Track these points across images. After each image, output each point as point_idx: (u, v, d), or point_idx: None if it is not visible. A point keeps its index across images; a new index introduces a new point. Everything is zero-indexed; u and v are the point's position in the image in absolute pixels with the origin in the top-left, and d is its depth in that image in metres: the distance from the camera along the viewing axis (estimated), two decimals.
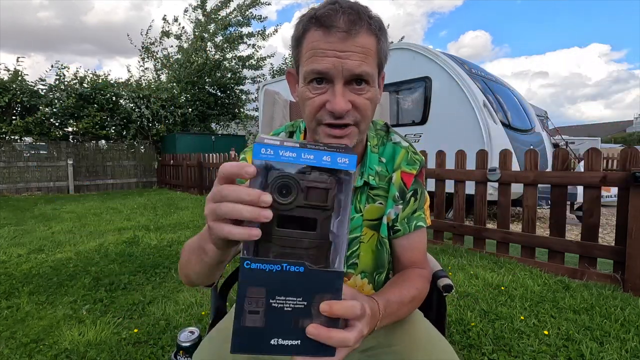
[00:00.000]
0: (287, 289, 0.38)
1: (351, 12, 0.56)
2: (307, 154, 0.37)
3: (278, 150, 0.36)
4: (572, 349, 1.51)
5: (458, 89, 4.51)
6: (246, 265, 0.37)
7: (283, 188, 0.37)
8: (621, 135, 30.81)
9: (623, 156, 2.23)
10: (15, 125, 7.77)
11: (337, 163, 0.37)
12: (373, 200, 0.74)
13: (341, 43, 0.56)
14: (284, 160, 0.36)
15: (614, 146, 16.33)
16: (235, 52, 11.56)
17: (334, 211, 0.38)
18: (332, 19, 0.56)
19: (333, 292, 0.39)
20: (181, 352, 0.81)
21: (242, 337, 0.38)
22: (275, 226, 0.37)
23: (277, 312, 0.38)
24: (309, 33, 0.58)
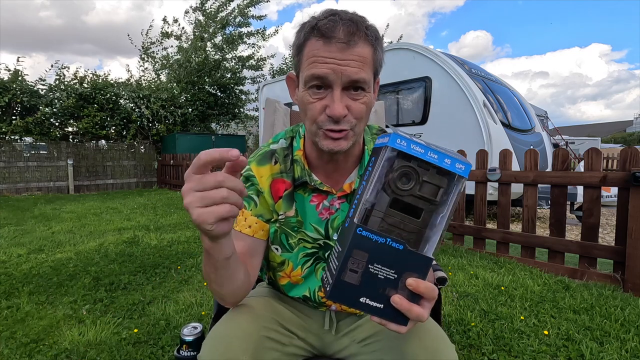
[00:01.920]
0: (385, 260, 0.44)
1: (350, 24, 0.60)
2: (432, 152, 0.42)
3: (410, 144, 0.42)
4: (572, 349, 1.51)
5: (458, 89, 4.51)
6: (358, 231, 0.43)
7: (404, 176, 0.43)
8: (621, 135, 30.81)
9: (623, 156, 2.23)
10: (15, 125, 7.77)
11: (455, 167, 0.42)
12: None
13: (340, 52, 0.60)
14: (413, 153, 0.42)
15: (614, 146, 16.33)
16: (235, 52, 11.56)
17: (439, 206, 0.44)
18: (332, 30, 0.59)
19: (420, 273, 0.45)
20: (184, 347, 0.81)
21: (338, 289, 0.45)
22: (388, 205, 0.44)
23: (372, 277, 0.44)
24: (310, 42, 0.62)
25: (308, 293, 0.79)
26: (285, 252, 0.77)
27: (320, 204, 0.76)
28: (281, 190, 0.76)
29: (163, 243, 3.31)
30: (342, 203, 0.76)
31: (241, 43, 11.45)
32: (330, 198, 0.76)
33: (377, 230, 0.44)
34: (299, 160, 0.75)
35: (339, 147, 0.65)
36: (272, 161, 0.77)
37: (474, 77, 4.75)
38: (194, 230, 3.87)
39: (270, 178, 0.76)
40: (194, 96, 10.77)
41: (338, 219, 0.76)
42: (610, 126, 40.71)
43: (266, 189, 0.75)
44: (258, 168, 0.76)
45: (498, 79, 5.68)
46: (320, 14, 0.63)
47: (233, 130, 13.46)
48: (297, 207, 0.76)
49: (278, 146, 0.79)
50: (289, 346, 0.76)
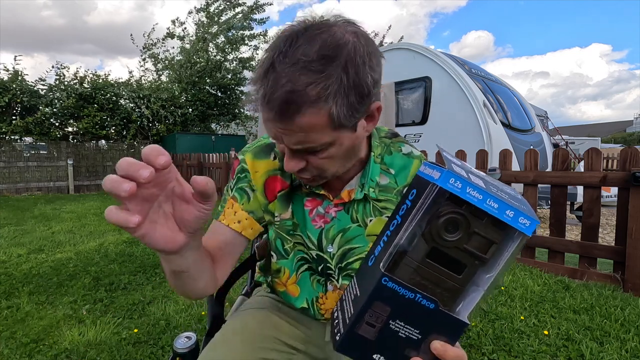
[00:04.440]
0: (410, 318, 0.38)
1: (286, 93, 0.49)
2: (492, 200, 0.34)
3: (466, 187, 0.34)
4: (572, 349, 1.51)
5: (458, 89, 4.52)
6: (384, 281, 0.36)
7: (452, 224, 0.35)
8: (621, 135, 30.81)
9: (623, 156, 2.23)
10: (15, 125, 7.77)
11: (518, 222, 0.34)
12: (380, 213, 0.69)
13: (279, 122, 0.52)
14: (468, 199, 0.34)
15: (614, 146, 16.33)
16: (237, 53, 11.57)
17: (487, 264, 0.37)
18: (267, 98, 0.51)
19: (450, 337, 0.39)
20: (178, 359, 0.78)
21: (350, 341, 0.39)
22: (425, 255, 0.36)
23: (391, 333, 0.38)
24: (259, 102, 0.53)
25: (306, 304, 0.75)
26: (281, 259, 0.73)
27: (314, 209, 0.70)
28: (277, 189, 0.70)
29: None
30: (338, 211, 0.70)
31: (243, 45, 11.46)
32: (326, 204, 0.70)
33: (407, 282, 0.37)
34: None
35: (316, 184, 0.64)
36: (271, 156, 0.70)
37: (474, 77, 4.75)
38: None
39: (265, 175, 0.70)
40: (194, 96, 10.77)
41: (333, 229, 0.70)
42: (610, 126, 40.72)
43: (259, 186, 0.69)
44: (254, 161, 0.70)
45: (498, 79, 5.68)
46: (261, 66, 0.51)
47: (233, 130, 13.46)
48: (293, 208, 0.71)
49: None
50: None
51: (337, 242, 0.70)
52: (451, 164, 0.36)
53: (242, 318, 0.74)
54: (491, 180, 0.39)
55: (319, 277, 0.73)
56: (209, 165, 7.17)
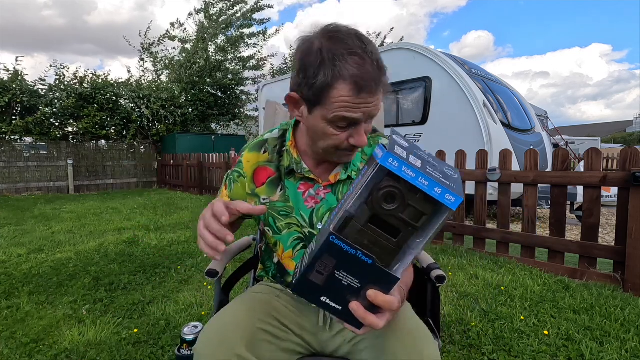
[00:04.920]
0: (351, 270, 0.46)
1: (377, 73, 0.64)
2: (423, 178, 0.41)
3: (402, 166, 0.41)
4: (572, 349, 1.51)
5: (458, 89, 4.51)
6: (331, 239, 0.44)
7: (390, 196, 0.42)
8: (621, 135, 30.80)
9: (623, 156, 2.23)
10: (15, 125, 7.76)
11: (444, 198, 0.41)
12: None
13: (370, 97, 0.65)
14: (403, 176, 0.41)
15: (614, 146, 16.33)
16: (237, 53, 11.56)
17: (419, 231, 0.44)
18: (364, 79, 0.62)
19: (384, 288, 0.47)
20: (185, 345, 0.82)
21: (303, 285, 0.48)
22: (367, 220, 0.44)
23: (335, 281, 0.47)
24: (340, 85, 0.63)
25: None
26: (275, 234, 0.84)
27: (307, 192, 0.82)
28: (264, 177, 0.83)
29: (163, 243, 3.31)
30: (327, 193, 0.81)
31: (242, 44, 11.45)
32: (317, 187, 0.81)
33: (351, 241, 0.44)
34: (289, 150, 0.82)
35: (349, 160, 0.78)
36: (261, 150, 0.85)
37: (474, 77, 4.75)
38: (193, 230, 3.87)
39: (255, 165, 0.84)
40: (194, 96, 10.77)
41: (322, 208, 0.81)
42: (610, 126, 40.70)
43: (249, 174, 0.84)
44: (248, 154, 0.86)
45: (498, 79, 5.68)
46: (343, 52, 0.63)
47: (233, 130, 13.46)
48: (289, 194, 0.82)
49: (271, 136, 0.86)
50: (285, 341, 0.77)
51: (325, 220, 0.80)
52: (395, 146, 0.43)
53: (245, 297, 0.83)
54: (433, 162, 0.46)
55: None
56: (209, 165, 7.17)
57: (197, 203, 6.05)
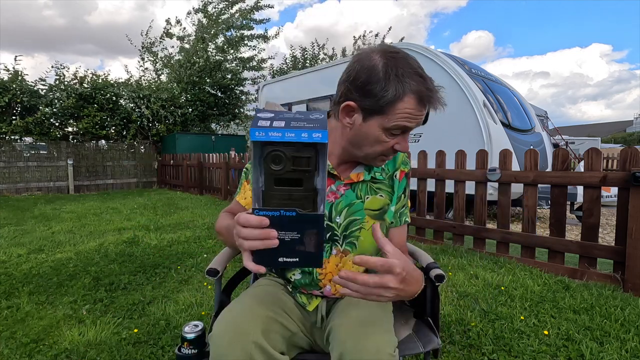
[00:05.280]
0: (286, 227, 0.53)
1: (435, 92, 0.74)
2: (289, 132, 0.48)
3: (268, 132, 0.48)
4: (572, 349, 1.51)
5: (458, 89, 4.51)
6: (256, 213, 0.52)
7: (275, 159, 0.49)
8: (621, 135, 30.80)
9: (623, 156, 2.23)
10: (15, 125, 7.77)
11: (313, 137, 0.48)
12: (375, 192, 0.88)
13: (425, 110, 0.75)
14: (272, 139, 0.48)
15: (614, 146, 16.32)
16: (237, 53, 11.56)
17: (314, 171, 0.51)
18: (430, 99, 0.73)
19: (318, 228, 0.53)
20: (185, 344, 0.82)
21: (260, 256, 0.55)
22: (273, 185, 0.51)
23: (283, 241, 0.53)
24: (409, 98, 0.72)
25: (309, 269, 0.84)
26: None
27: (328, 187, 0.84)
28: None
29: (163, 243, 3.31)
30: (346, 189, 0.86)
31: (243, 45, 11.45)
32: (338, 184, 0.85)
33: (271, 207, 0.52)
34: None
35: (382, 164, 0.85)
36: None
37: (474, 77, 4.75)
38: (193, 230, 3.87)
39: None
40: (194, 96, 10.77)
41: (341, 204, 0.85)
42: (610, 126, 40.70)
43: None
44: None
45: (498, 79, 5.68)
46: (409, 70, 0.72)
47: (233, 130, 13.46)
48: None
49: None
50: (295, 336, 0.81)
51: (344, 214, 0.85)
52: (258, 121, 0.50)
53: (254, 289, 0.87)
54: (299, 116, 0.53)
55: (326, 243, 0.84)
56: (209, 165, 7.17)
57: (197, 203, 6.05)
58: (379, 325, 0.73)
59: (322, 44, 13.90)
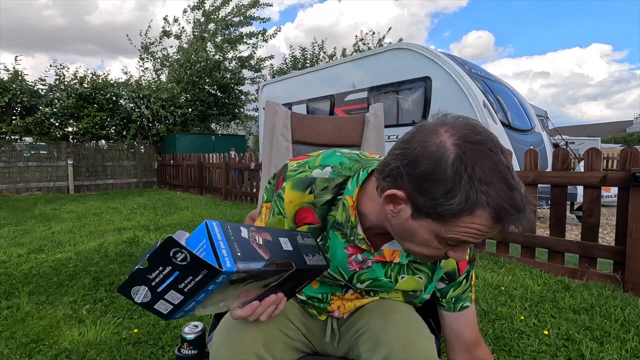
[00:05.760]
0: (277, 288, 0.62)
1: (523, 206, 0.52)
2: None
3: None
4: (572, 349, 1.51)
5: (458, 89, 4.52)
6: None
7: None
8: (621, 135, 30.80)
9: (623, 156, 2.23)
10: (15, 125, 7.76)
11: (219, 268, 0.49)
12: (413, 272, 0.75)
13: (499, 227, 0.54)
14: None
15: (614, 146, 16.32)
16: (236, 52, 11.56)
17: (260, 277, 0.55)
18: (513, 221, 0.52)
19: (302, 267, 0.60)
20: (185, 345, 0.82)
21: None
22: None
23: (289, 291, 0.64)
24: (479, 212, 0.51)
25: (320, 296, 0.80)
26: None
27: (354, 256, 0.72)
28: (307, 219, 0.72)
29: None
30: (375, 263, 0.72)
31: (242, 43, 11.44)
32: (366, 255, 0.72)
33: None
34: (347, 208, 0.68)
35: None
36: (307, 190, 0.71)
37: (474, 77, 4.75)
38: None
39: (298, 206, 0.72)
40: (194, 96, 10.77)
41: (366, 275, 0.74)
42: (610, 126, 40.70)
43: (290, 215, 0.73)
44: (290, 192, 0.72)
45: (498, 79, 5.68)
46: (492, 174, 0.50)
47: (233, 130, 13.46)
48: (329, 244, 0.72)
49: (320, 175, 0.72)
50: (295, 340, 0.78)
51: (367, 284, 0.76)
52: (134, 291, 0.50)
53: None
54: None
55: (341, 288, 0.80)
56: (209, 166, 7.17)
57: (197, 203, 6.05)
58: (424, 329, 0.71)
59: (322, 40, 13.91)
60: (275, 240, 0.60)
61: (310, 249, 0.65)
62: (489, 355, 0.79)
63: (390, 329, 0.69)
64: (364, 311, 0.79)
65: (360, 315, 0.78)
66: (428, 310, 0.93)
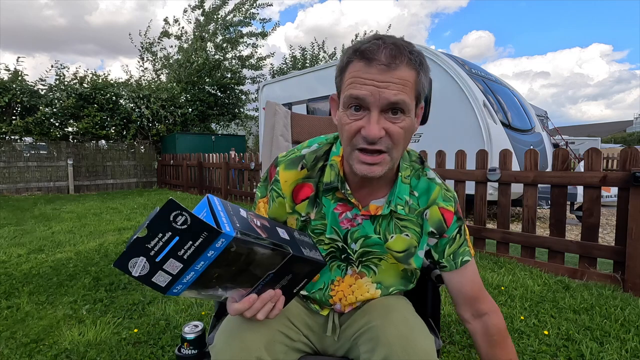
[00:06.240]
0: (272, 283, 0.62)
1: (393, 47, 0.61)
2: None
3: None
4: (572, 349, 1.51)
5: (458, 89, 4.51)
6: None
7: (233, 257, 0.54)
8: (621, 135, 30.80)
9: (623, 156, 2.23)
10: (15, 125, 7.76)
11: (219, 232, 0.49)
12: (400, 230, 0.76)
13: (380, 74, 0.60)
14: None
15: (614, 146, 16.32)
16: (235, 52, 11.56)
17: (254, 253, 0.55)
18: (374, 53, 0.60)
19: (298, 262, 0.61)
20: (186, 345, 0.82)
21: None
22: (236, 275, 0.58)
23: (283, 288, 0.64)
24: (352, 64, 0.63)
25: (322, 285, 0.81)
26: None
27: (344, 213, 0.77)
28: (304, 194, 0.78)
29: None
30: (365, 220, 0.76)
31: (241, 42, 11.44)
32: (355, 212, 0.76)
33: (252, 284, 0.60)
34: (335, 166, 0.75)
35: (372, 173, 0.65)
36: (298, 167, 0.78)
37: (474, 77, 4.75)
38: None
39: (294, 184, 0.78)
40: (194, 96, 10.77)
41: (358, 232, 0.77)
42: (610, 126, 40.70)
43: (288, 194, 0.78)
44: (284, 172, 0.78)
45: (498, 79, 5.68)
46: (366, 38, 0.64)
47: (233, 130, 13.45)
48: (324, 211, 0.77)
49: (308, 151, 0.79)
50: (296, 342, 0.78)
51: (360, 243, 0.78)
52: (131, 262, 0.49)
53: None
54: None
55: (340, 263, 0.81)
56: (209, 166, 7.17)
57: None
58: (423, 329, 0.72)
59: (322, 40, 13.92)
60: (272, 228, 0.61)
61: (307, 244, 0.66)
62: (493, 309, 0.82)
63: (389, 329, 0.69)
64: (364, 311, 0.79)
65: (361, 314, 0.79)
66: (428, 310, 0.93)
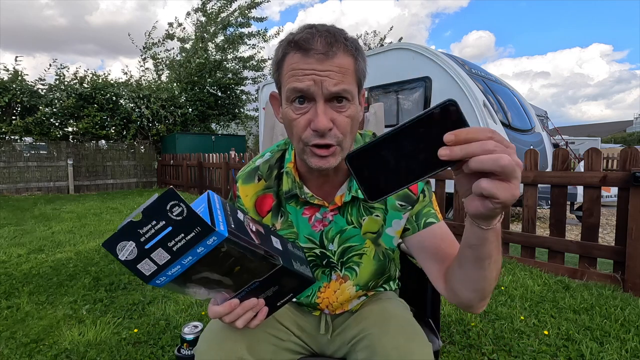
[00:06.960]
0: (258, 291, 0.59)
1: (327, 35, 0.60)
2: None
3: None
4: (572, 349, 1.51)
5: (458, 89, 4.51)
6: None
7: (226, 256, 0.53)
8: (621, 135, 30.80)
9: (623, 156, 2.23)
10: (15, 125, 7.76)
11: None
12: (370, 212, 0.76)
13: (319, 64, 0.59)
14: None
15: (614, 146, 16.32)
16: (236, 52, 11.55)
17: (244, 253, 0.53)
18: (309, 42, 0.59)
19: (286, 274, 0.58)
20: (185, 345, 0.82)
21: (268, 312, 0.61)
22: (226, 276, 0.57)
23: (267, 299, 0.61)
24: (289, 56, 0.61)
25: (310, 292, 0.80)
26: None
27: (313, 216, 0.76)
28: (267, 205, 0.77)
29: None
30: (334, 215, 0.75)
31: (242, 44, 11.44)
32: (323, 211, 0.75)
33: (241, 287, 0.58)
34: (290, 173, 0.74)
35: (327, 164, 0.64)
36: (255, 179, 0.78)
37: (474, 77, 4.75)
38: None
39: (254, 196, 0.78)
40: (194, 96, 10.76)
41: (332, 230, 0.76)
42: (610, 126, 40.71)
43: (251, 207, 0.78)
44: (243, 187, 0.78)
45: (498, 79, 5.68)
46: (298, 29, 0.63)
47: (233, 130, 13.45)
48: (291, 219, 0.76)
49: (262, 161, 0.79)
50: (286, 342, 0.77)
51: (337, 241, 0.76)
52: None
53: None
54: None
55: (324, 269, 0.79)
56: (209, 165, 7.17)
57: None
58: (420, 337, 0.70)
59: None
60: (267, 235, 0.60)
61: (298, 258, 0.64)
62: None
63: (385, 338, 0.68)
64: (360, 316, 0.79)
65: (357, 319, 0.78)
66: (427, 310, 0.93)
